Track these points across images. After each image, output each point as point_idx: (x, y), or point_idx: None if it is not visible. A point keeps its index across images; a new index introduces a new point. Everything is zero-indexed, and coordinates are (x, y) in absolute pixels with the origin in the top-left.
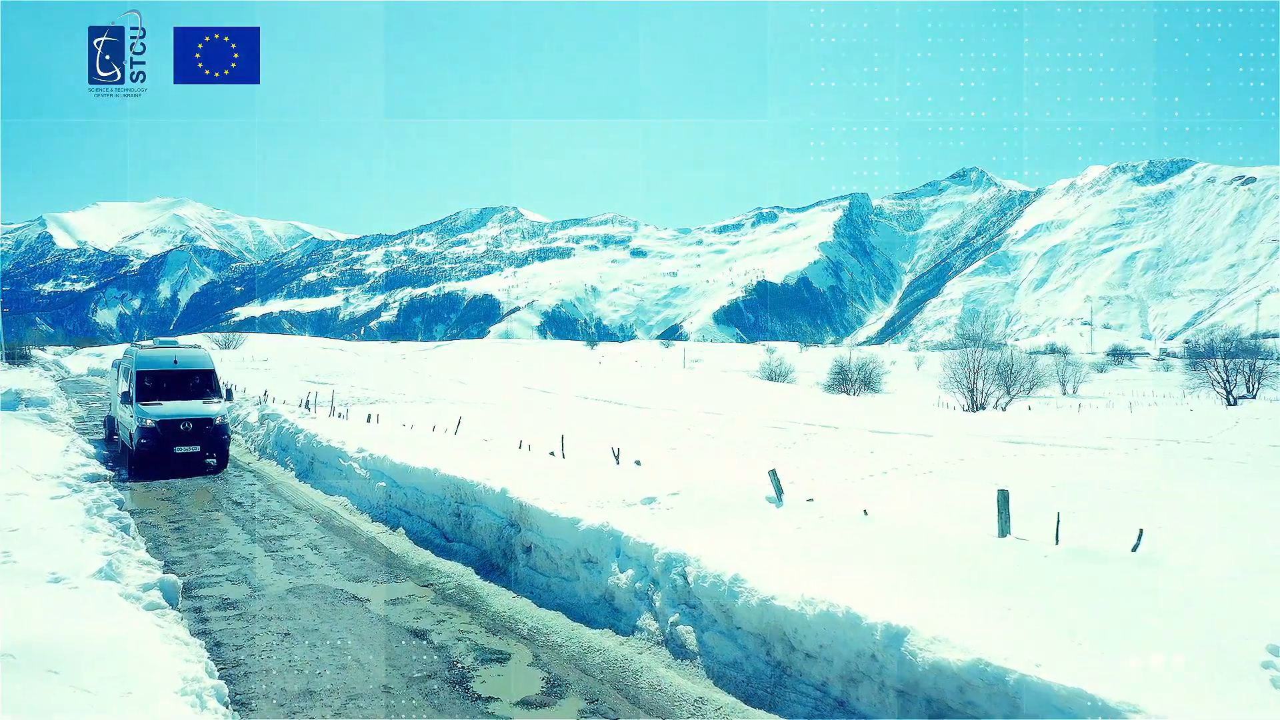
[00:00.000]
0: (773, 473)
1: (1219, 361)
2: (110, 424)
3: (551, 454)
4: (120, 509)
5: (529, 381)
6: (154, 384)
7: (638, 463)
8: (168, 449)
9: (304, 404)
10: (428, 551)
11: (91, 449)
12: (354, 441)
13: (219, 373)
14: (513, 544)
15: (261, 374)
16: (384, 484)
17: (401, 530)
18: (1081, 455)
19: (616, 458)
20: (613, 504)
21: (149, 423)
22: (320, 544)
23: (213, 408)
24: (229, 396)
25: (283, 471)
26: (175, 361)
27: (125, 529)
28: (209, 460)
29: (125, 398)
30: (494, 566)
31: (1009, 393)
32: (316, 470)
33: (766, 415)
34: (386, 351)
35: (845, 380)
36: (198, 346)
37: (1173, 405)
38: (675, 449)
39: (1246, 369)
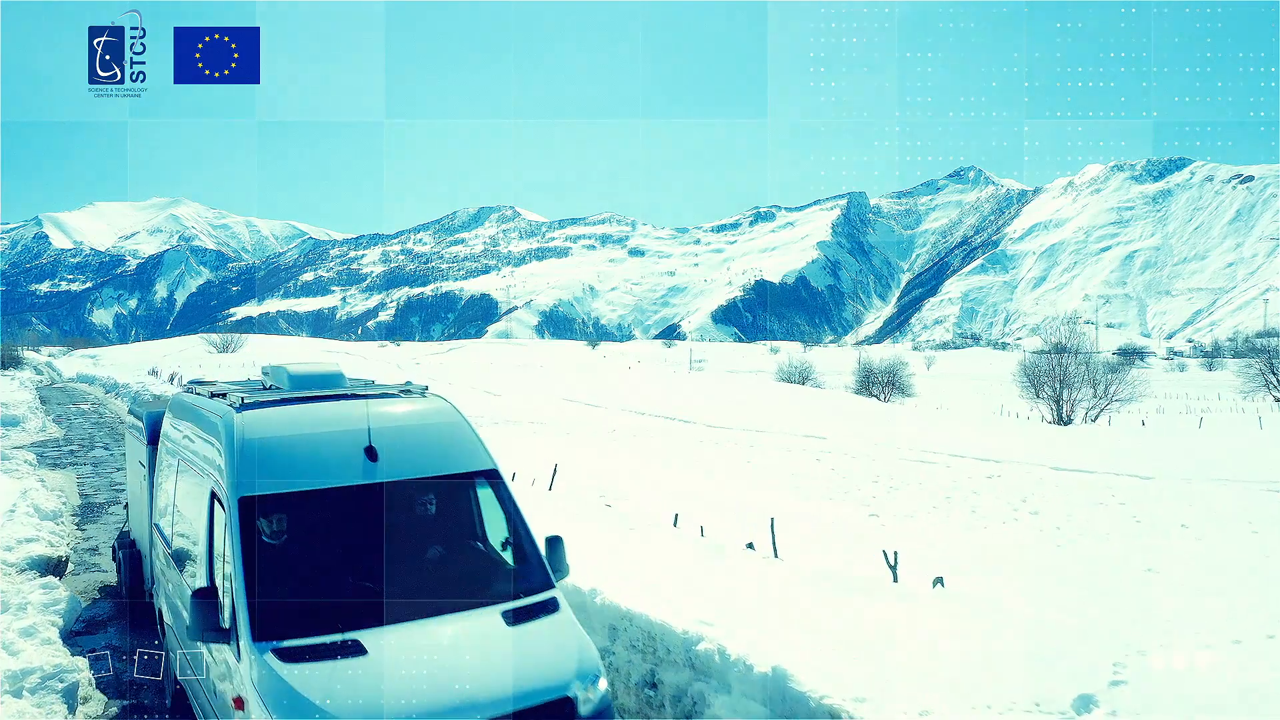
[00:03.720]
0: None
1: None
2: (130, 560)
3: (750, 546)
4: (66, 648)
5: (566, 391)
6: (298, 543)
7: (938, 581)
8: None
9: None
10: None
11: (52, 501)
12: None
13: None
14: None
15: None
16: None
17: None
18: None
19: (893, 568)
20: (1016, 713)
21: None
22: None
23: (542, 649)
24: (553, 559)
25: None
26: (371, 451)
27: (70, 700)
28: None
29: (209, 627)
30: None
31: (1100, 404)
32: None
33: (879, 440)
34: (396, 356)
35: (871, 383)
36: (426, 396)
37: (1237, 412)
38: (877, 515)
39: None
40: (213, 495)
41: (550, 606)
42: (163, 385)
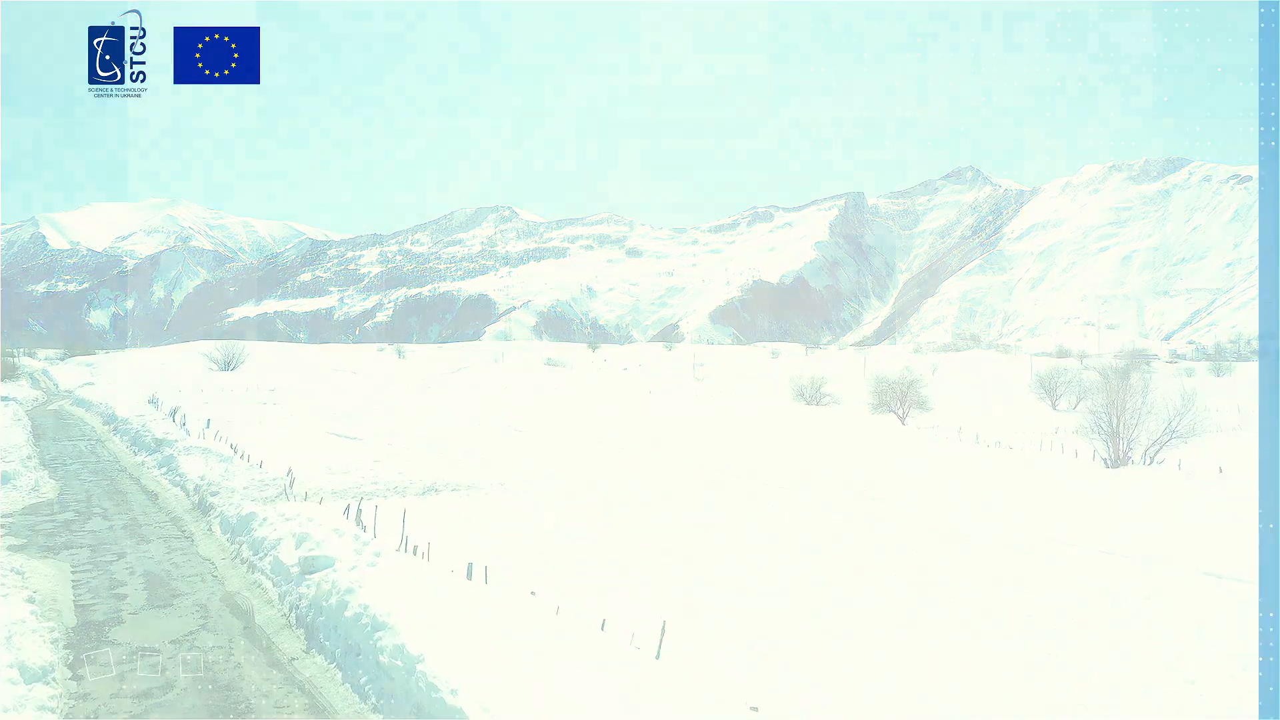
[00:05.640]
0: None
1: None
2: None
3: None
4: None
5: (597, 425)
6: None
7: None
8: None
9: (351, 512)
10: None
11: (43, 648)
12: None
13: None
14: None
15: (270, 411)
16: None
17: None
18: None
19: None
20: None
21: None
22: None
23: None
24: None
25: None
26: None
27: None
28: None
29: None
30: None
31: (1162, 440)
32: None
33: (963, 510)
34: (402, 373)
35: (886, 398)
36: None
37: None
38: None
39: None
40: None
41: None
42: (164, 423)
